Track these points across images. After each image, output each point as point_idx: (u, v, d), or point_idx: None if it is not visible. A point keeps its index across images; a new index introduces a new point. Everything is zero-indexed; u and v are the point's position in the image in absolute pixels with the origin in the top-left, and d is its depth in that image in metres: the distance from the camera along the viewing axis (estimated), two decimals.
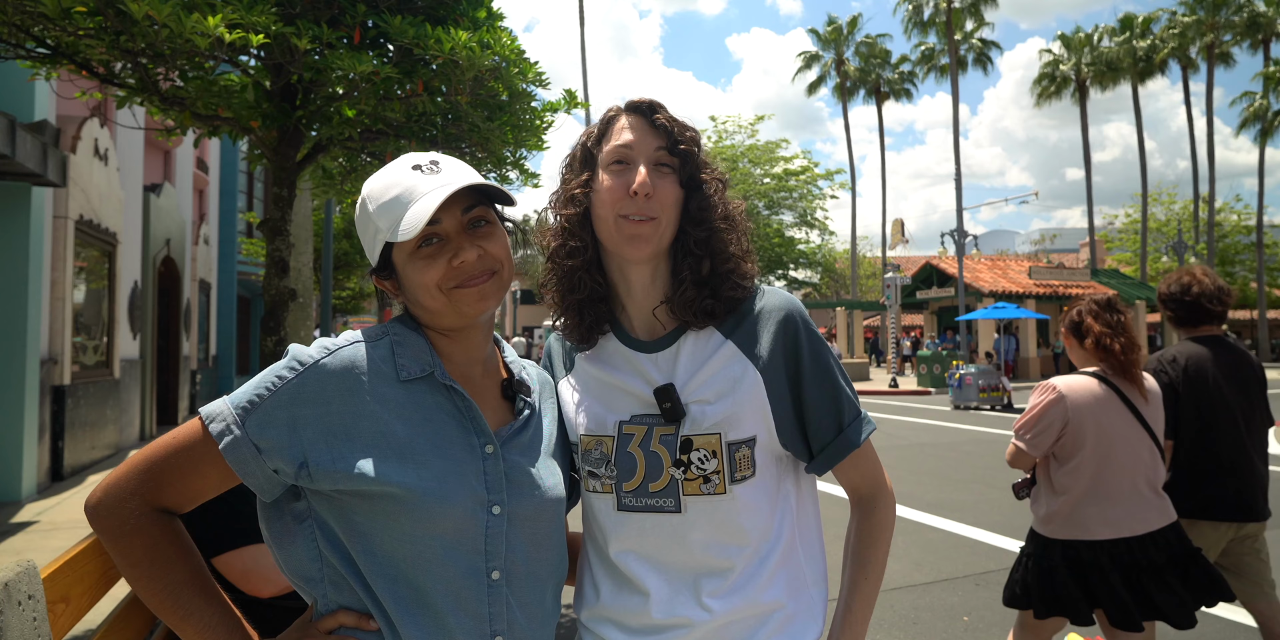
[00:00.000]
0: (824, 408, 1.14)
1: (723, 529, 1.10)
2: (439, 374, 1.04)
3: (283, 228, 4.64)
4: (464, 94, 4.11)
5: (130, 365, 9.61)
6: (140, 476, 0.96)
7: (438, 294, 1.03)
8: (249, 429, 0.95)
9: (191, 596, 0.97)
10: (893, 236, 32.91)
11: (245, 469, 0.96)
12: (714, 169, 1.19)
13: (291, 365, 0.99)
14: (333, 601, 1.01)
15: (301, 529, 1.01)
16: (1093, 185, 36.92)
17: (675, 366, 1.15)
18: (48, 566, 1.22)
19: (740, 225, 1.19)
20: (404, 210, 1.01)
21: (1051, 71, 38.25)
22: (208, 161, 15.26)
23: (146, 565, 0.95)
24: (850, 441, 1.15)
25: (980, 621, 3.83)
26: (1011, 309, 19.12)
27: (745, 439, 1.11)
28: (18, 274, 6.57)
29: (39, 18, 3.48)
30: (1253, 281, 38.41)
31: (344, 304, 22.89)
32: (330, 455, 0.96)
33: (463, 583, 0.99)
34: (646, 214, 1.11)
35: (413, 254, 1.04)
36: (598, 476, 1.15)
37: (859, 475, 1.19)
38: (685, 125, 1.17)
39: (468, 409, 1.05)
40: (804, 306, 1.19)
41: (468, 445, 1.03)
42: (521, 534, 1.05)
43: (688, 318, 1.14)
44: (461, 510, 0.99)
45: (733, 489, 1.10)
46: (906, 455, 9.28)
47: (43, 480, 6.95)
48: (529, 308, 50.28)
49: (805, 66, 41.56)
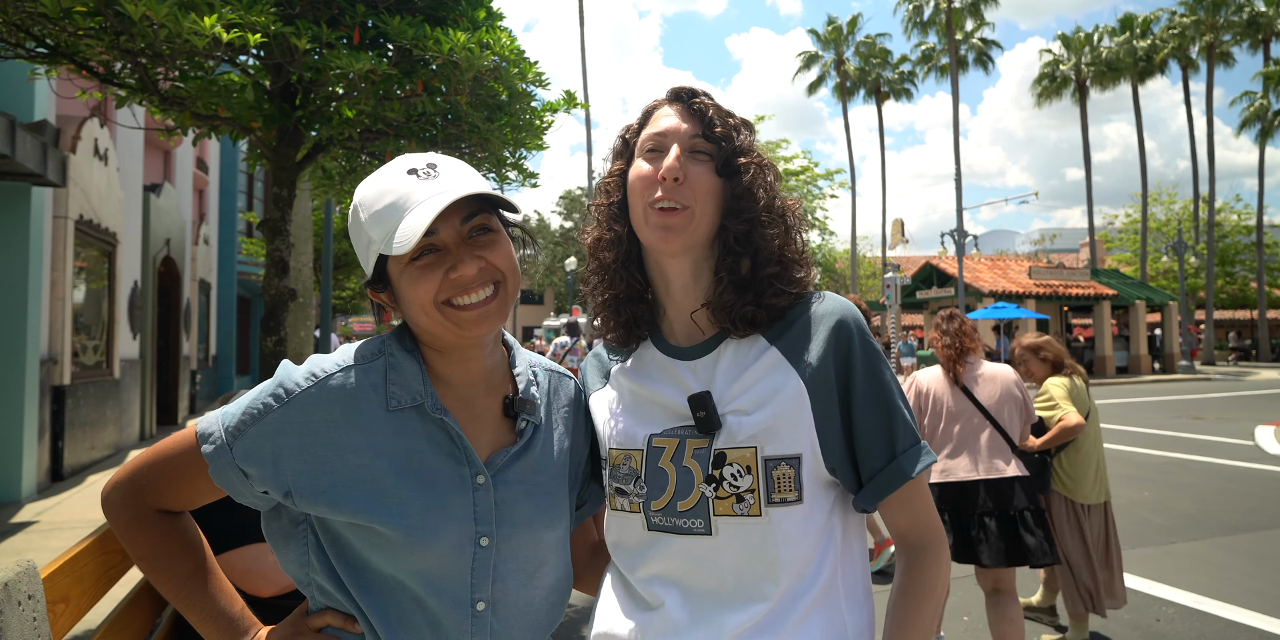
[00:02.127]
0: (876, 429, 1.00)
1: (756, 557, 0.97)
2: (430, 406, 0.99)
3: (283, 228, 4.64)
4: (464, 94, 4.11)
5: (130, 365, 9.60)
6: (142, 479, 1.00)
7: (432, 311, 0.96)
8: (236, 454, 0.95)
9: (194, 589, 1.01)
10: (893, 236, 32.90)
11: (234, 490, 0.98)
12: (759, 156, 1.07)
13: (277, 393, 0.96)
14: (320, 603, 1.02)
15: (296, 532, 1.02)
16: (1093, 185, 36.89)
17: (714, 374, 1.04)
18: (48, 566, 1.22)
19: (791, 221, 1.08)
20: (398, 220, 0.93)
21: (1051, 71, 38.23)
22: (208, 161, 15.25)
23: (151, 559, 1.01)
24: (903, 471, 1.00)
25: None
26: (1011, 309, 19.12)
27: (786, 456, 0.98)
28: (18, 274, 6.57)
29: (39, 17, 3.48)
30: (1253, 281, 38.41)
31: (344, 304, 22.87)
32: (313, 488, 0.95)
33: (445, 613, 0.97)
34: (678, 202, 1.01)
35: (408, 266, 0.97)
36: (625, 494, 1.05)
37: (908, 516, 1.03)
38: (727, 111, 1.08)
39: (458, 439, 1.00)
40: (861, 315, 1.05)
41: (457, 477, 0.99)
42: (512, 564, 1.02)
43: (726, 324, 1.04)
44: (445, 546, 0.96)
45: (770, 512, 0.97)
46: None
47: (43, 480, 6.95)
48: (529, 308, 50.28)
49: (805, 66, 41.55)
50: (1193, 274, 39.01)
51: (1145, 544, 5.22)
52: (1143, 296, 26.38)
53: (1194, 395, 18.15)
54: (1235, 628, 3.72)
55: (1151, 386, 21.60)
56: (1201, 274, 38.18)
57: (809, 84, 41.31)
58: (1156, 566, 4.69)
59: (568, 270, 32.37)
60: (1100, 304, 25.50)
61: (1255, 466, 8.34)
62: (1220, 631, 3.68)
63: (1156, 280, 39.20)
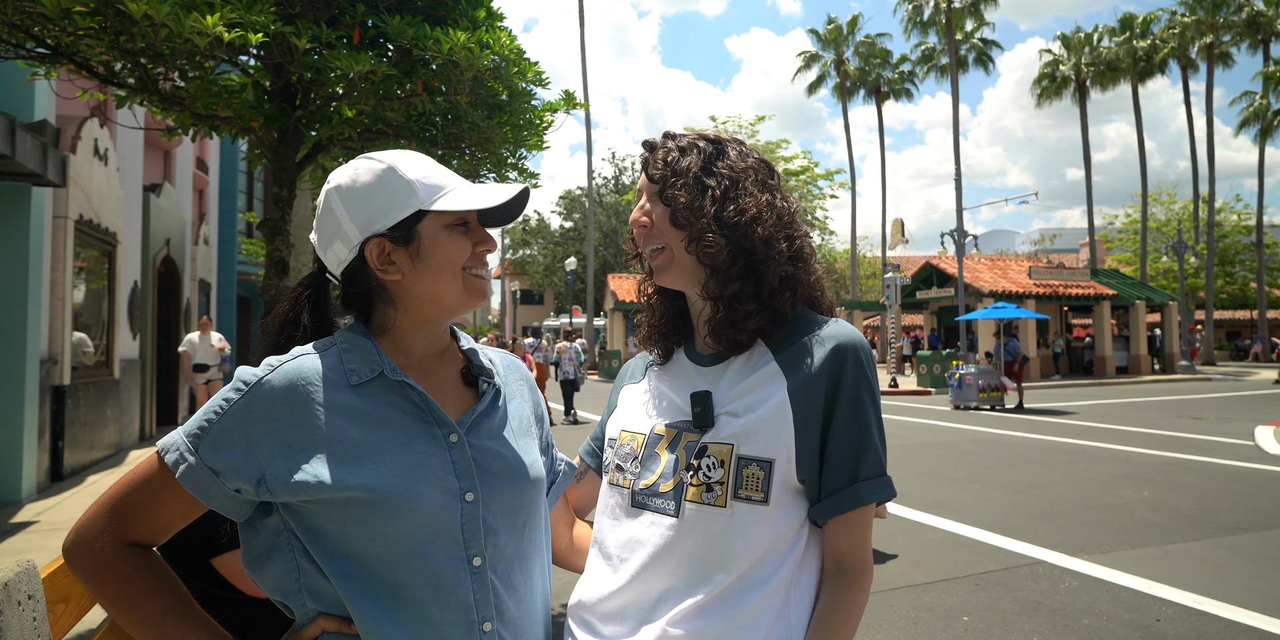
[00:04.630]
0: (847, 452, 1.07)
1: (713, 544, 1.05)
2: (389, 372, 1.02)
3: (283, 228, 4.64)
4: (464, 94, 4.11)
5: (130, 365, 9.60)
6: (107, 515, 0.98)
7: (458, 272, 1.05)
8: (202, 454, 0.95)
9: (173, 625, 0.97)
10: (893, 236, 32.89)
11: (205, 493, 0.96)
12: (717, 174, 1.15)
13: (237, 387, 0.98)
14: (311, 610, 1.01)
15: (279, 541, 1.01)
16: (1093, 185, 36.90)
17: (720, 379, 1.15)
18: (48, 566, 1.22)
19: (758, 228, 1.13)
20: (455, 184, 1.05)
21: (1051, 71, 38.24)
22: (208, 161, 15.25)
23: (122, 600, 0.97)
24: (859, 497, 1.06)
25: (980, 621, 3.83)
26: (1011, 309, 19.09)
27: (759, 458, 1.06)
28: (18, 274, 6.57)
29: (39, 17, 3.48)
30: (1253, 281, 38.43)
31: None
32: (287, 468, 0.95)
33: (443, 573, 0.98)
34: (653, 243, 1.17)
35: (447, 228, 1.05)
36: (623, 470, 1.17)
37: (849, 541, 1.08)
38: (669, 148, 1.19)
39: (424, 402, 1.03)
40: (868, 345, 1.12)
41: (430, 437, 1.02)
42: (500, 517, 1.04)
43: (721, 346, 1.16)
44: (431, 503, 0.98)
45: (734, 506, 1.05)
46: (906, 455, 9.27)
47: (43, 480, 6.95)
48: (529, 307, 50.30)
49: (805, 66, 41.56)
50: (1193, 274, 39.02)
51: (1145, 544, 5.23)
52: (1143, 296, 26.38)
53: (1194, 395, 18.16)
54: (1235, 628, 3.72)
55: (1151, 386, 21.61)
56: (1201, 274, 38.20)
57: (809, 84, 41.33)
58: (1156, 566, 4.70)
59: (568, 270, 32.34)
60: (1100, 304, 25.50)
61: (1255, 466, 8.34)
62: (1220, 631, 3.68)
63: (1156, 280, 39.22)
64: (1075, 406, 15.79)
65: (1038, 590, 4.28)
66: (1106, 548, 5.12)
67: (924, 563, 4.84)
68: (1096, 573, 4.58)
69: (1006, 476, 7.85)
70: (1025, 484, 7.42)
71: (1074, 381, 22.95)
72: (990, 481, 7.57)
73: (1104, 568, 4.66)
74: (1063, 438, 10.84)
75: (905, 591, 4.29)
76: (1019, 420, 13.25)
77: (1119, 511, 6.21)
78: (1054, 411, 14.81)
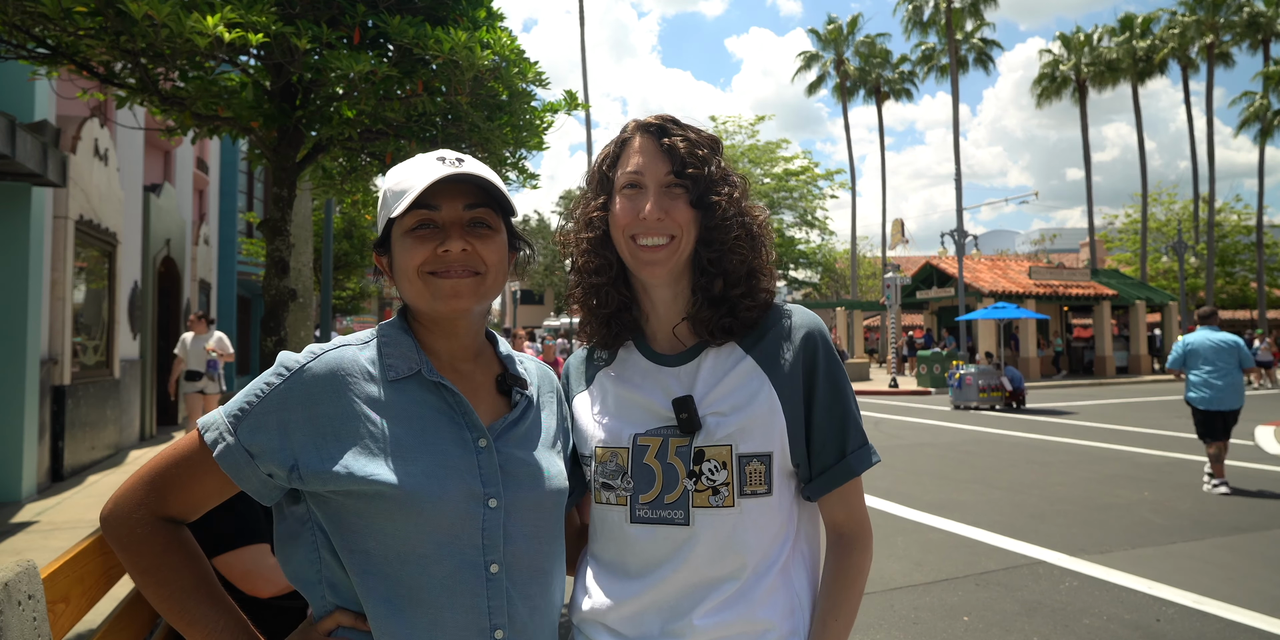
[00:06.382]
0: (831, 431, 1.14)
1: (727, 544, 1.09)
2: (426, 372, 1.05)
3: (283, 228, 4.64)
4: (464, 94, 4.11)
5: (130, 365, 9.60)
6: (145, 488, 1.00)
7: (415, 278, 1.04)
8: (241, 435, 0.98)
9: (197, 603, 1.00)
10: (893, 236, 32.92)
11: (239, 474, 0.98)
12: (731, 182, 1.18)
13: (279, 371, 1.01)
14: (329, 603, 1.02)
15: (303, 530, 1.02)
16: (1093, 185, 36.89)
17: (695, 380, 1.15)
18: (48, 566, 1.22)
19: (760, 239, 1.20)
20: (410, 188, 1.04)
21: (1051, 71, 38.22)
22: (208, 161, 15.25)
23: (154, 573, 0.99)
24: (850, 469, 1.14)
25: (980, 621, 3.83)
26: (1011, 309, 19.10)
27: (758, 453, 1.10)
28: (18, 274, 6.57)
29: (39, 18, 3.48)
30: (1253, 281, 38.41)
31: (344, 304, 22.86)
32: (319, 456, 0.97)
33: (458, 577, 0.99)
34: (663, 233, 1.13)
35: (405, 234, 1.05)
36: (612, 488, 1.15)
37: (846, 511, 1.16)
38: (697, 142, 1.16)
39: (458, 404, 1.04)
40: (826, 327, 1.20)
41: (460, 440, 1.03)
42: (521, 526, 1.04)
43: (705, 336, 1.16)
44: (454, 505, 0.99)
45: (741, 503, 1.09)
46: (906, 455, 9.27)
47: (43, 480, 6.95)
48: (529, 307, 50.28)
49: (805, 66, 41.55)
50: (1193, 274, 39.01)
51: (1145, 544, 5.23)
52: (1143, 296, 26.37)
53: None
54: (1235, 628, 3.72)
55: (1151, 386, 21.60)
56: (1201, 274, 38.19)
57: (809, 84, 41.32)
58: (1156, 566, 4.69)
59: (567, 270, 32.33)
60: (1100, 304, 25.50)
61: (1255, 466, 8.34)
62: (1220, 631, 3.68)
63: (1156, 280, 39.21)
64: (1075, 406, 15.79)
65: (1038, 590, 4.28)
66: (1107, 548, 5.12)
67: (924, 563, 4.84)
68: (1097, 573, 4.58)
69: (1007, 476, 7.85)
70: (1025, 484, 7.42)
71: (1074, 381, 22.95)
72: (991, 481, 7.57)
73: (1104, 568, 4.66)
74: (1063, 438, 10.84)
75: (905, 591, 4.29)
76: (1019, 420, 13.25)
77: (1119, 511, 6.21)
78: (1054, 411, 14.81)
